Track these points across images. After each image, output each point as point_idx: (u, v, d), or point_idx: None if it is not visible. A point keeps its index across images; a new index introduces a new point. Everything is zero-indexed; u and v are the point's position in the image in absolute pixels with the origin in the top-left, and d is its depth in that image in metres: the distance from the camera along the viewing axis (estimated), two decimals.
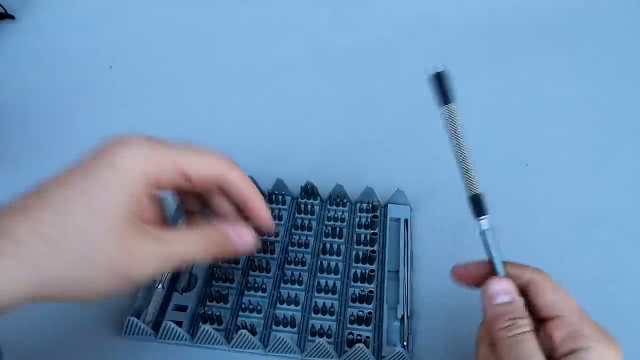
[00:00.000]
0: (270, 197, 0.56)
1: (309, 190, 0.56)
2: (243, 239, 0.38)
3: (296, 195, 0.57)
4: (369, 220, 0.53)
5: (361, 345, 0.42)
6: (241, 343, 0.44)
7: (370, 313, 0.45)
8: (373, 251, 0.50)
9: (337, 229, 0.52)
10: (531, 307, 0.35)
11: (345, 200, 0.56)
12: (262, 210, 0.40)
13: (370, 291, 0.47)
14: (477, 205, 0.38)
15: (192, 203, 0.41)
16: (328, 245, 0.51)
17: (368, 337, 0.44)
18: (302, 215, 0.54)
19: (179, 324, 0.45)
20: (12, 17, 0.83)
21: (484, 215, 0.38)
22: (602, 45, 0.79)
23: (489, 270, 0.37)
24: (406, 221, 0.54)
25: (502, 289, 0.35)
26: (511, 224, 0.56)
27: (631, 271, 0.52)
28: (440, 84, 0.37)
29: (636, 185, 0.60)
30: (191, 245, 0.36)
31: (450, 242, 0.54)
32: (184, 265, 0.39)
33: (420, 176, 0.60)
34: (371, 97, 0.71)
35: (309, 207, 0.55)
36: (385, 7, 0.86)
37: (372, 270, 0.49)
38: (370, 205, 0.55)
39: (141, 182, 0.33)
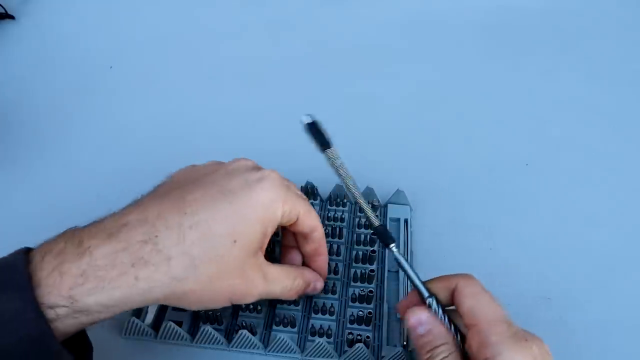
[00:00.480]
0: None
1: (309, 191, 0.56)
2: (317, 288, 0.45)
3: None
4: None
5: (361, 345, 0.42)
6: (241, 343, 0.44)
7: (370, 313, 0.45)
8: (373, 251, 0.50)
9: (338, 229, 0.52)
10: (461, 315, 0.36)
11: (345, 201, 0.56)
12: (325, 265, 0.45)
13: (370, 291, 0.46)
14: (384, 235, 0.39)
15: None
16: (328, 246, 0.51)
17: (368, 337, 0.44)
18: None
19: (179, 324, 0.45)
20: (12, 17, 0.83)
21: (392, 243, 0.39)
22: (602, 45, 0.78)
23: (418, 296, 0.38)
24: (406, 221, 0.54)
25: (418, 321, 0.36)
26: (511, 224, 0.56)
27: (631, 271, 0.52)
28: (315, 132, 0.39)
29: (636, 185, 0.60)
30: (284, 286, 0.41)
31: (450, 242, 0.54)
32: None
33: (420, 176, 0.60)
34: (371, 96, 0.71)
35: None
36: (385, 6, 0.86)
37: (372, 270, 0.48)
38: (370, 205, 0.54)
39: (276, 221, 0.38)
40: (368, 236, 0.51)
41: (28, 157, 0.64)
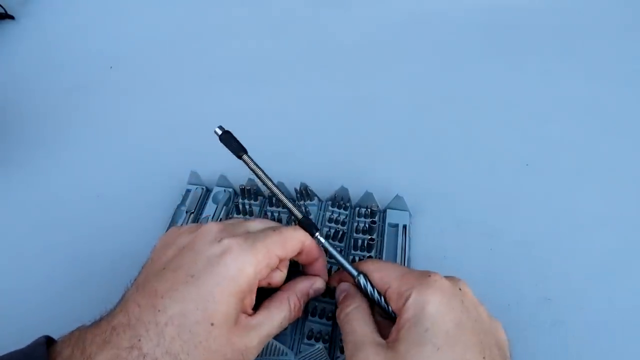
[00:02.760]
0: (270, 200, 0.56)
1: (303, 192, 0.55)
2: (319, 289, 0.45)
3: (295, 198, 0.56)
4: (367, 225, 0.53)
5: None
6: None
7: None
8: (370, 257, 0.50)
9: (340, 233, 0.52)
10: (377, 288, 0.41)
11: (347, 204, 0.55)
12: (324, 268, 0.45)
13: None
14: (308, 226, 0.43)
15: None
16: None
17: None
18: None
19: None
20: (12, 17, 0.83)
21: (317, 231, 0.43)
22: (602, 45, 0.78)
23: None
24: (404, 227, 0.54)
25: (339, 290, 0.43)
26: (511, 224, 0.56)
27: (631, 271, 0.52)
28: (229, 141, 0.42)
29: (636, 185, 0.60)
30: (282, 318, 0.41)
31: (450, 243, 0.54)
32: None
33: (419, 180, 0.60)
34: (370, 98, 0.71)
35: (305, 209, 0.55)
36: (386, 6, 0.86)
37: None
38: (370, 210, 0.54)
39: (249, 285, 0.38)
40: (366, 242, 0.51)
41: (28, 157, 0.64)
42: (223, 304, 0.36)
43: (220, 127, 0.43)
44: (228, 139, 0.42)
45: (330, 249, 0.43)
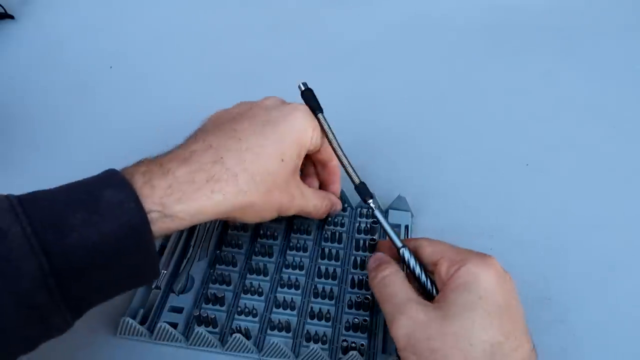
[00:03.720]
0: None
1: None
2: (337, 209, 0.52)
3: None
4: (369, 226, 0.53)
5: (355, 353, 0.41)
6: (235, 347, 0.44)
7: (365, 320, 0.45)
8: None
9: (337, 234, 0.52)
10: (424, 265, 0.42)
11: (345, 205, 0.55)
12: (339, 191, 0.52)
13: (367, 298, 0.46)
14: (363, 192, 0.46)
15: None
16: (327, 250, 0.50)
17: (363, 344, 0.44)
18: (302, 219, 0.54)
19: (174, 325, 0.45)
20: (12, 17, 0.83)
21: (370, 198, 0.46)
22: (602, 45, 0.78)
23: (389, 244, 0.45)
24: (407, 227, 0.54)
25: (374, 259, 0.43)
26: (511, 224, 0.56)
27: (631, 271, 0.52)
28: (309, 98, 0.46)
29: (636, 185, 0.60)
30: (315, 204, 0.48)
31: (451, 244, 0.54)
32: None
33: (420, 181, 0.60)
34: (372, 99, 0.71)
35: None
36: (386, 6, 0.86)
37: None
38: (370, 210, 0.54)
39: (308, 143, 0.45)
40: (367, 242, 0.51)
41: (28, 157, 0.64)
42: (292, 147, 0.43)
43: (304, 84, 0.47)
44: (309, 95, 0.46)
45: (380, 217, 0.44)
